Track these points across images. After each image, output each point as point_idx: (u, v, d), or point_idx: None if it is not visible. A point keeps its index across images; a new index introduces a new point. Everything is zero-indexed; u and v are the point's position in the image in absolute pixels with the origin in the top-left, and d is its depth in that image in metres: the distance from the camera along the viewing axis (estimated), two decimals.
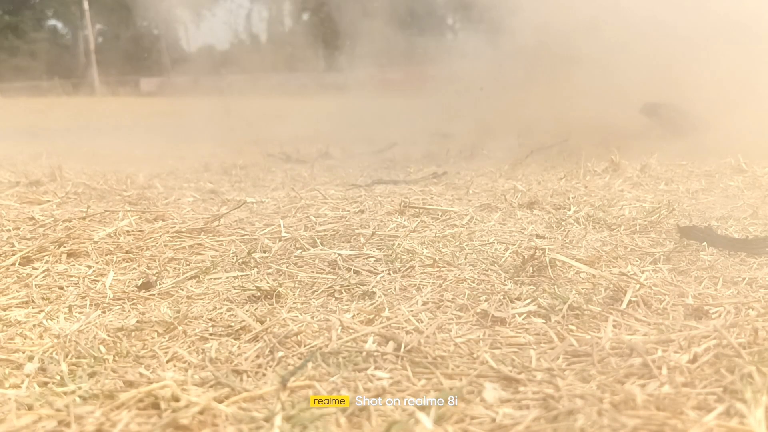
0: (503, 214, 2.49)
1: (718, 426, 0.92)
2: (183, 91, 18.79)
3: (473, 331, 1.32)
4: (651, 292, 1.49)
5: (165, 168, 4.46)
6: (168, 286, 1.66)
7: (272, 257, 1.92)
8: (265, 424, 0.96)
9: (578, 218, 2.35)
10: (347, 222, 2.37)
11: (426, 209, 2.56)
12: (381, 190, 3.18)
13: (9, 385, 1.12)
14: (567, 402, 1.00)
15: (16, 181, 3.38)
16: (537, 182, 3.31)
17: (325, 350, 1.21)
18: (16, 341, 1.31)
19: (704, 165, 3.73)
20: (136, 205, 2.79)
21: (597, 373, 1.10)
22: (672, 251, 1.84)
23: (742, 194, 2.77)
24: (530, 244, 1.97)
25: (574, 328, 1.31)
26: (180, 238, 2.16)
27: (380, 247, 1.99)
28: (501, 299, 1.48)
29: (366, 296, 1.56)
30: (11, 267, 1.82)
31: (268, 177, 3.89)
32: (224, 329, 1.36)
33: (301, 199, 2.93)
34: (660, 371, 1.09)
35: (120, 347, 1.27)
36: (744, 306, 1.40)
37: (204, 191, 3.27)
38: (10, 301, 1.55)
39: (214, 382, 1.11)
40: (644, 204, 2.60)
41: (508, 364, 1.15)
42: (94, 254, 1.95)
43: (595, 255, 1.84)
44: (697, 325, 1.28)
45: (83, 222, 2.30)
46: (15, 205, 2.71)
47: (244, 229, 2.31)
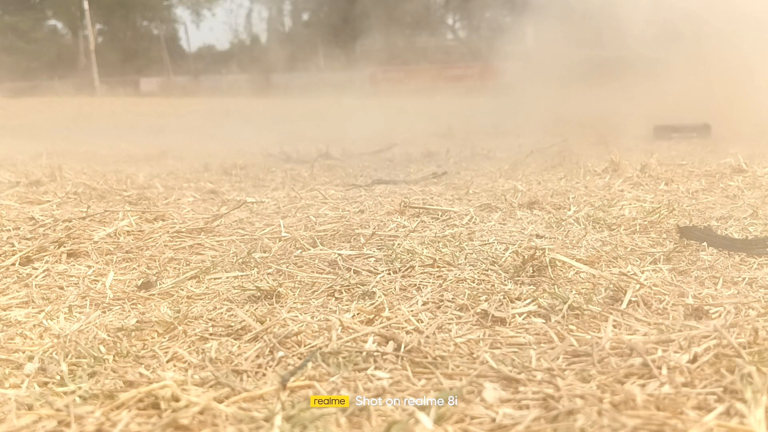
0: (503, 214, 2.49)
1: (718, 426, 0.92)
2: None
3: (473, 331, 1.32)
4: (651, 292, 1.49)
5: (165, 168, 4.46)
6: (168, 286, 1.66)
7: (272, 257, 1.92)
8: (265, 424, 0.96)
9: (578, 218, 2.35)
10: (347, 222, 2.37)
11: (426, 209, 2.56)
12: (381, 190, 3.18)
13: (9, 385, 1.11)
14: (567, 402, 0.99)
15: (16, 181, 3.38)
16: (537, 182, 3.32)
17: (325, 350, 1.21)
18: (16, 341, 1.31)
19: (704, 165, 3.73)
20: (136, 205, 2.79)
21: (597, 373, 1.10)
22: (672, 251, 1.84)
23: (742, 194, 2.77)
24: (530, 244, 1.97)
25: (574, 328, 1.31)
26: (180, 238, 2.16)
27: (380, 247, 1.99)
28: (501, 299, 1.48)
29: (366, 296, 1.56)
30: (11, 267, 1.82)
31: (268, 177, 3.89)
32: (224, 329, 1.36)
33: (301, 199, 2.93)
34: (660, 371, 1.09)
35: (120, 347, 1.27)
36: (744, 306, 1.40)
37: (204, 191, 3.27)
38: (10, 301, 1.55)
39: (214, 382, 1.11)
40: (644, 204, 2.60)
41: (508, 364, 1.15)
42: (94, 254, 1.95)
43: (595, 255, 1.84)
44: (697, 325, 1.28)
45: (83, 222, 2.30)
46: (15, 205, 2.71)
47: (244, 229, 2.31)
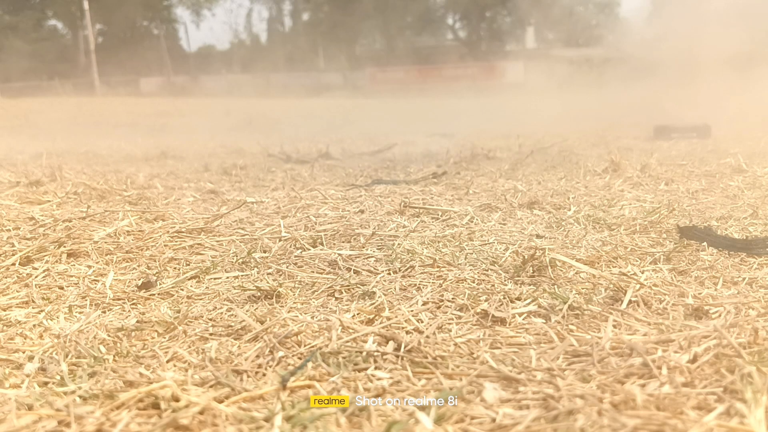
0: (503, 214, 2.49)
1: (718, 426, 0.92)
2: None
3: (473, 331, 1.32)
4: (651, 292, 1.49)
5: (165, 168, 4.46)
6: (168, 286, 1.66)
7: (272, 257, 1.92)
8: (265, 424, 0.96)
9: (578, 218, 2.35)
10: (347, 222, 2.37)
11: (426, 209, 2.56)
12: (381, 190, 3.18)
13: (9, 385, 1.11)
14: (567, 402, 0.99)
15: (16, 181, 3.38)
16: (537, 182, 3.32)
17: (325, 350, 1.21)
18: (16, 341, 1.31)
19: (704, 165, 3.73)
20: (136, 205, 2.79)
21: (597, 373, 1.10)
22: (672, 251, 1.84)
23: (742, 194, 2.77)
24: (530, 244, 1.97)
25: (574, 328, 1.31)
26: (180, 238, 2.16)
27: (380, 247, 1.99)
28: (501, 299, 1.48)
29: (366, 296, 1.56)
30: (11, 267, 1.82)
31: (268, 177, 3.89)
32: (224, 329, 1.36)
33: (301, 199, 2.93)
34: (660, 371, 1.09)
35: (120, 347, 1.27)
36: (744, 306, 1.39)
37: (204, 191, 3.27)
38: (10, 301, 1.55)
39: (214, 382, 1.11)
40: (644, 204, 2.60)
41: (508, 364, 1.15)
42: (94, 254, 1.95)
43: (595, 255, 1.83)
44: (697, 325, 1.28)
45: (83, 222, 2.30)
46: (15, 205, 2.71)
47: (244, 229, 2.31)
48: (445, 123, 7.76)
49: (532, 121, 7.34)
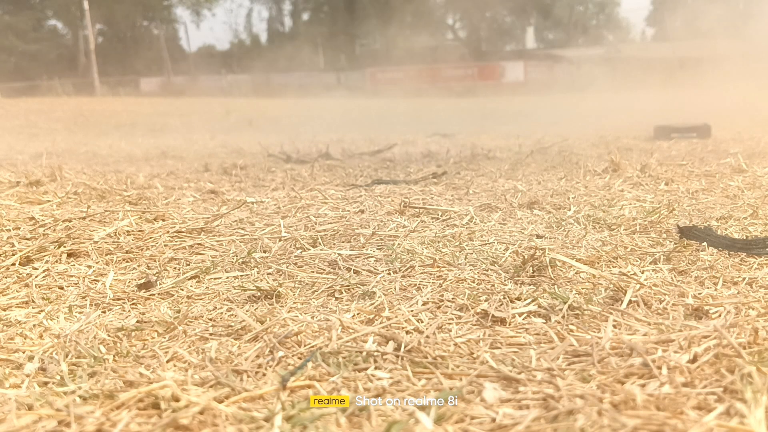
0: (503, 214, 2.49)
1: (718, 426, 0.92)
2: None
3: (473, 331, 1.32)
4: (651, 292, 1.49)
5: (165, 168, 4.46)
6: (168, 286, 1.66)
7: (272, 257, 1.92)
8: (265, 424, 0.96)
9: (578, 218, 2.35)
10: (347, 222, 2.37)
11: (426, 209, 2.56)
12: (381, 190, 3.18)
13: (9, 385, 1.11)
14: (567, 402, 0.99)
15: (16, 181, 3.38)
16: (537, 182, 3.32)
17: (325, 350, 1.21)
18: (16, 341, 1.31)
19: (704, 165, 3.73)
20: (136, 205, 2.79)
21: (597, 373, 1.10)
22: (672, 251, 1.84)
23: (742, 194, 2.77)
24: (530, 244, 1.97)
25: (574, 328, 1.31)
26: (180, 238, 2.16)
27: (380, 247, 1.99)
28: (501, 299, 1.48)
29: (366, 296, 1.56)
30: (11, 267, 1.82)
31: (269, 177, 3.89)
32: (224, 329, 1.36)
33: (301, 199, 2.92)
34: (660, 371, 1.09)
35: (120, 347, 1.27)
36: (744, 306, 1.39)
37: (204, 191, 3.27)
38: (10, 301, 1.55)
39: (214, 382, 1.11)
40: (644, 204, 2.60)
41: (508, 364, 1.15)
42: (94, 254, 1.95)
43: (595, 255, 1.83)
44: (697, 325, 1.28)
45: (83, 222, 2.30)
46: (15, 205, 2.71)
47: (244, 229, 2.31)
48: (445, 123, 7.76)
49: (531, 122, 7.35)
